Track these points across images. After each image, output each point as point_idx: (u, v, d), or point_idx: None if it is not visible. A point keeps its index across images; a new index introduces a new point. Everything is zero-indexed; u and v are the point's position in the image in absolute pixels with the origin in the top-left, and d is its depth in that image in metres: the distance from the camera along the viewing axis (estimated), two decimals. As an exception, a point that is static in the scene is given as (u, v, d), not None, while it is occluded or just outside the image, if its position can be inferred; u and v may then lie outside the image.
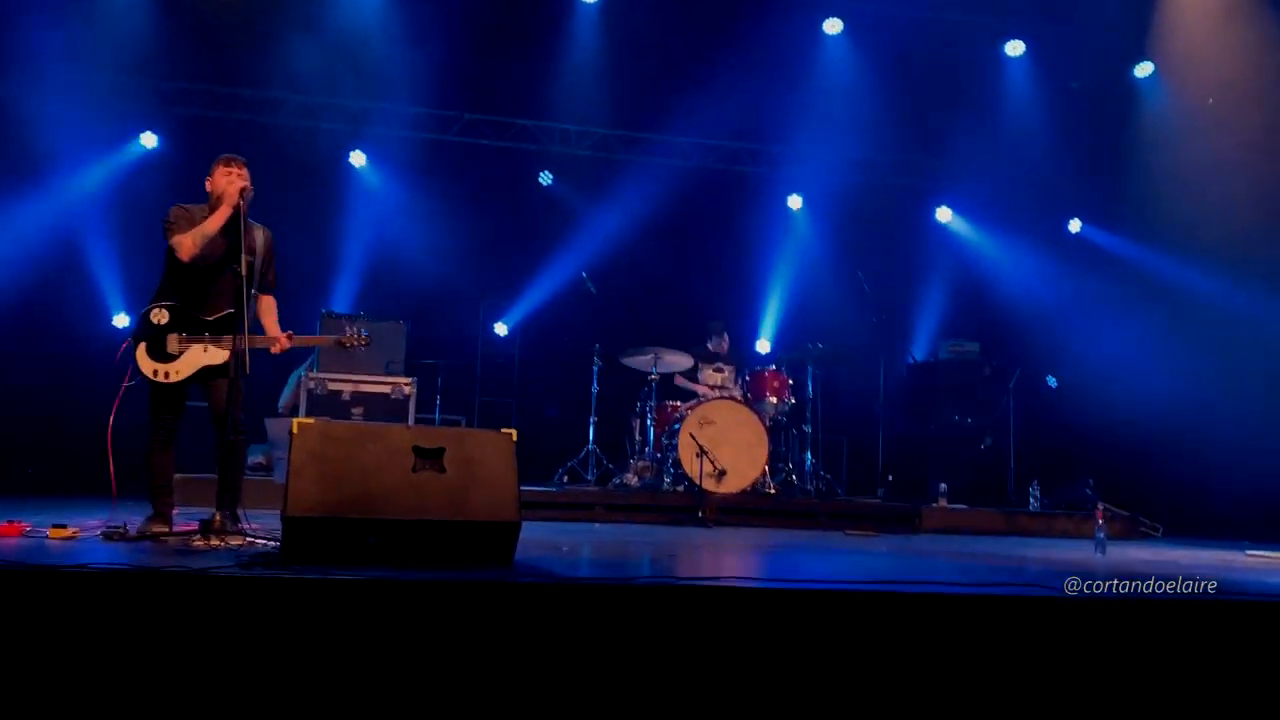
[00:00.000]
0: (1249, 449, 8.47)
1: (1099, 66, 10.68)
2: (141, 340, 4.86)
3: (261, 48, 9.79)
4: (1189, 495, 8.98)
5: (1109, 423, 9.97)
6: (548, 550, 4.74)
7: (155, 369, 4.83)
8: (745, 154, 11.29)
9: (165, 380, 4.84)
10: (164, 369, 4.84)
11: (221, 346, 4.88)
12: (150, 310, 4.90)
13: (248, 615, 3.12)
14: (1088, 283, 10.95)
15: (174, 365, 4.85)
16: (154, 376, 4.84)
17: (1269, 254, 8.87)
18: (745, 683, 3.27)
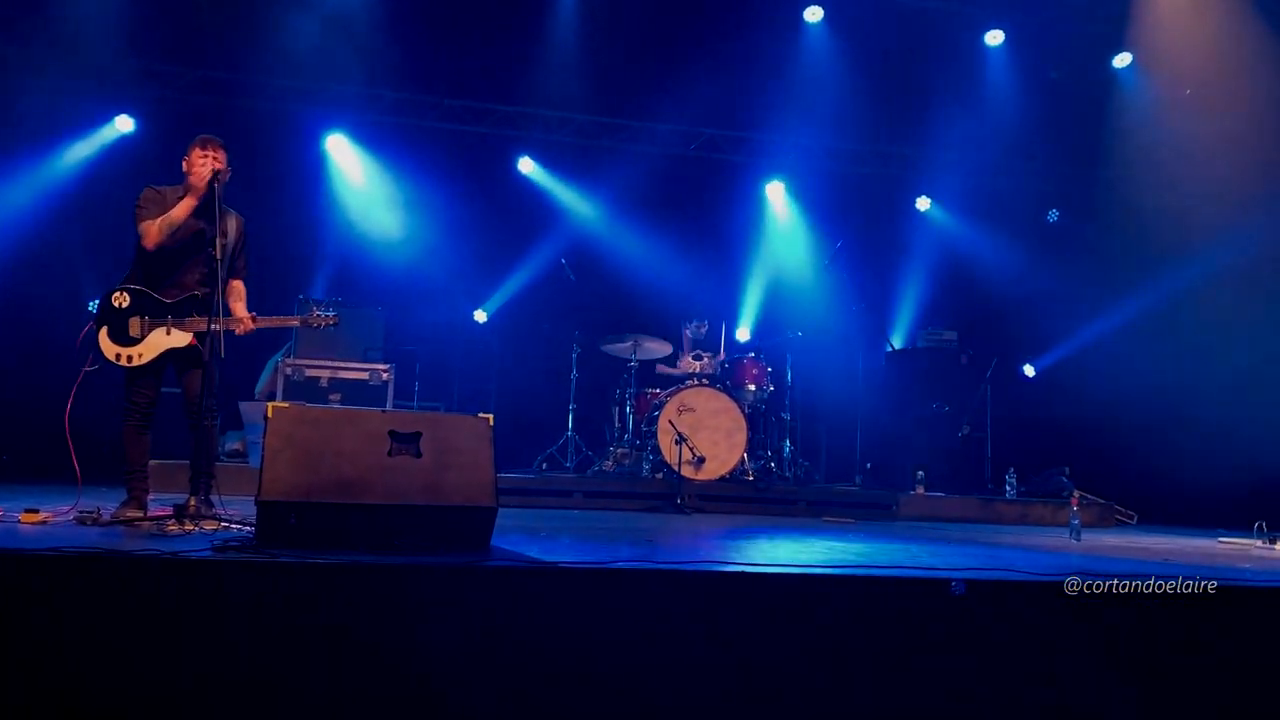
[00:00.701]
0: (1223, 437, 8.55)
1: (1078, 57, 10.72)
2: (103, 324, 4.84)
3: (238, 31, 9.68)
4: (1163, 483, 9.06)
5: (1085, 411, 10.05)
6: (525, 536, 4.74)
7: (118, 353, 4.82)
8: (725, 141, 11.28)
9: (129, 364, 4.83)
10: (127, 352, 4.82)
11: (184, 329, 4.87)
12: (111, 294, 4.89)
13: (221, 599, 3.11)
14: (1065, 273, 11.01)
15: (137, 349, 4.83)
16: (117, 360, 4.83)
17: (1241, 243, 8.94)
18: (723, 665, 3.28)
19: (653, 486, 7.96)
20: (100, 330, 4.84)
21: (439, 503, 3.97)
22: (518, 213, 10.74)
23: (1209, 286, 9.38)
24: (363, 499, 3.85)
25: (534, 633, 3.21)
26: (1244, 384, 8.18)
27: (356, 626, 3.11)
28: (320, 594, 3.15)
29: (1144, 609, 3.55)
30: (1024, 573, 3.84)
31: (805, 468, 9.11)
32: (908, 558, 4.51)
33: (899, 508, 8.17)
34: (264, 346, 8.67)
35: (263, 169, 9.20)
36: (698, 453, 7.96)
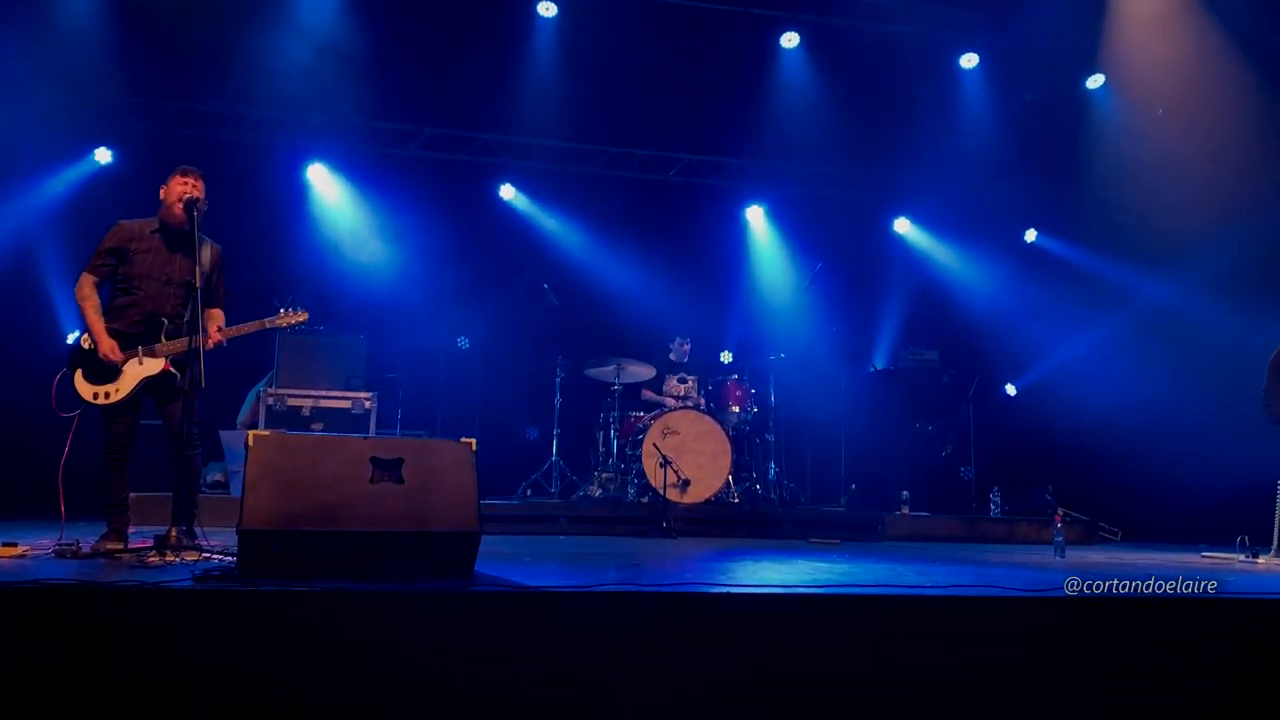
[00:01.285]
0: (1204, 452, 8.60)
1: (1051, 78, 10.87)
2: (76, 367, 4.83)
3: (218, 62, 9.70)
4: (1146, 500, 9.10)
5: (1067, 429, 10.10)
6: (510, 562, 4.71)
7: (95, 392, 4.82)
8: (705, 166, 11.35)
9: (108, 401, 4.81)
10: (104, 389, 4.82)
11: (155, 355, 4.85)
12: (80, 339, 4.92)
13: (204, 629, 3.08)
14: (1044, 291, 11.10)
15: (113, 384, 4.82)
16: (95, 400, 4.81)
17: (1217, 260, 9.03)
18: (710, 686, 3.27)
19: (638, 510, 7.94)
20: (74, 374, 4.84)
21: (422, 529, 3.95)
22: (500, 239, 10.76)
23: (1187, 302, 9.47)
24: (345, 526, 3.83)
25: (520, 658, 3.18)
26: (1224, 399, 8.23)
27: (340, 654, 3.08)
28: (303, 622, 3.12)
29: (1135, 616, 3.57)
30: (1011, 589, 3.85)
31: (790, 489, 9.11)
32: (894, 577, 4.51)
33: (884, 528, 8.17)
34: (245, 376, 8.65)
35: (244, 199, 9.21)
36: (683, 475, 7.96)
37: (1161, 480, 8.97)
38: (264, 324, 5.20)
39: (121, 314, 4.92)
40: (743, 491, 8.60)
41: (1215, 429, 8.38)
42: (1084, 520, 8.67)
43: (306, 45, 9.79)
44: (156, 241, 4.97)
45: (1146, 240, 9.84)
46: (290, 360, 8.33)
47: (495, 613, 3.28)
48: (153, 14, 9.22)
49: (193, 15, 9.17)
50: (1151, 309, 9.95)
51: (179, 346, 4.85)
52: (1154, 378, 9.60)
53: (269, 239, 9.59)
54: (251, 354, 8.55)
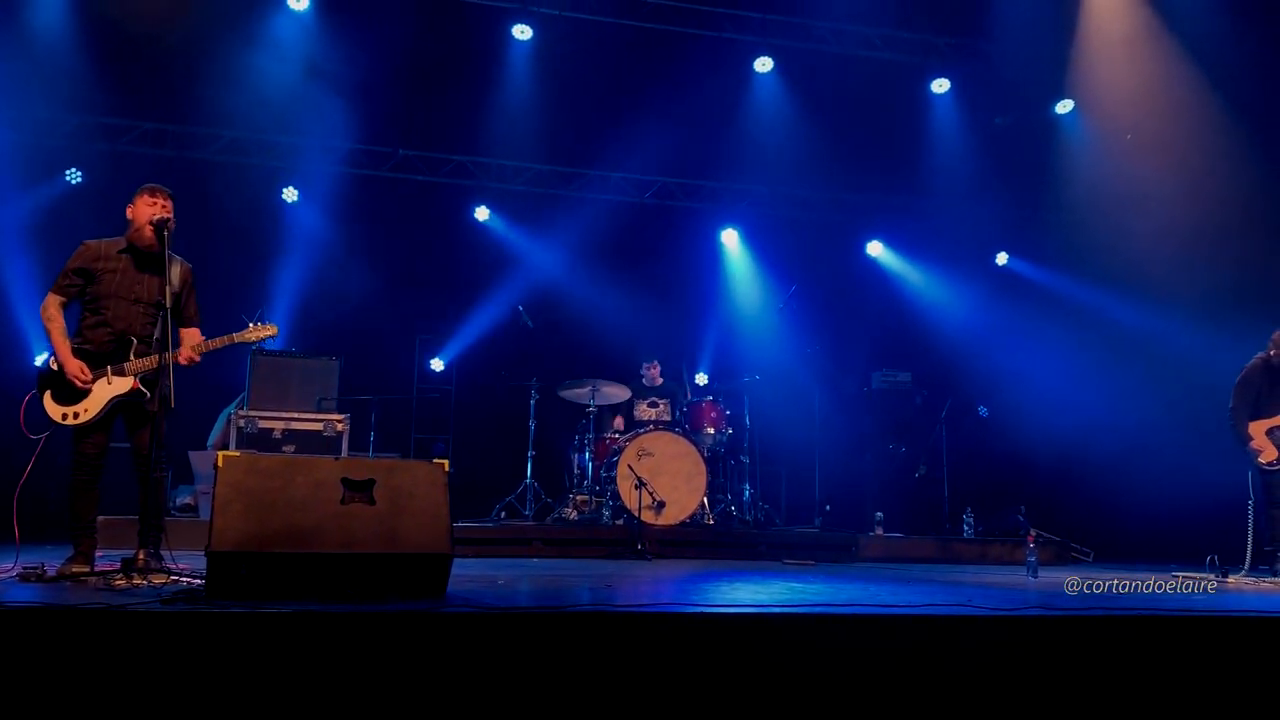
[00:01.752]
0: (1174, 473, 8.68)
1: (1022, 103, 11.02)
2: (44, 389, 4.78)
3: (191, 83, 9.69)
4: (1118, 520, 9.17)
5: (1039, 451, 10.17)
6: (482, 584, 4.68)
7: (64, 413, 4.77)
8: (680, 189, 11.41)
9: (77, 421, 4.75)
10: (73, 410, 4.76)
11: (124, 374, 4.80)
12: (48, 360, 4.85)
13: (171, 652, 3.03)
14: (1016, 313, 11.21)
15: (82, 404, 4.76)
16: (64, 420, 4.76)
17: (1187, 283, 9.14)
18: (685, 707, 3.25)
19: (613, 533, 7.91)
20: (43, 396, 4.78)
21: (393, 550, 3.91)
22: (474, 261, 10.75)
23: (1157, 324, 9.57)
24: (315, 548, 3.79)
25: (492, 680, 3.16)
26: (1193, 420, 8.32)
27: (309, 677, 3.04)
28: (272, 645, 3.08)
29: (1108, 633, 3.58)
30: (984, 608, 3.86)
31: (765, 510, 9.11)
32: (867, 597, 4.51)
33: (859, 549, 8.18)
34: (216, 398, 8.57)
35: (217, 221, 9.18)
36: (658, 497, 7.93)
37: (1132, 501, 9.05)
38: (232, 338, 5.12)
39: (90, 334, 4.87)
40: (718, 513, 8.59)
41: (1185, 450, 8.46)
42: (1056, 541, 8.71)
43: (280, 67, 9.79)
44: (124, 261, 4.93)
45: (1116, 263, 9.96)
46: (262, 382, 8.26)
47: (467, 634, 3.25)
48: (124, 34, 9.20)
49: (165, 36, 9.16)
50: (1122, 331, 10.06)
51: (148, 364, 4.81)
52: (1124, 399, 9.69)
53: (242, 260, 9.54)
54: (222, 375, 8.49)
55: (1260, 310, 7.38)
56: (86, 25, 9.30)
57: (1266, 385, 6.89)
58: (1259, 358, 6.98)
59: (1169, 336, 9.41)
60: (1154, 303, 9.70)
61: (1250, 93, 8.93)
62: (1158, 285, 9.58)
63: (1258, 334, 7.09)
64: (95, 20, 9.26)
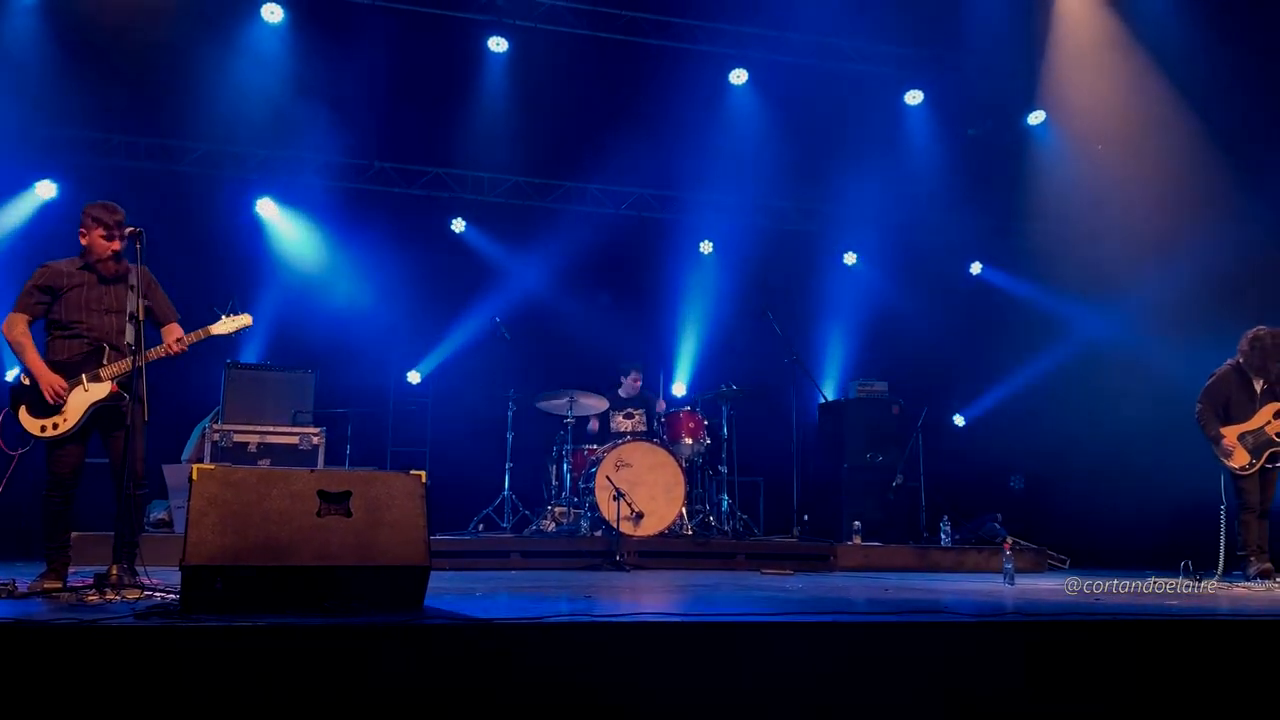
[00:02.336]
0: (1149, 480, 8.76)
1: (994, 114, 11.14)
2: (19, 404, 4.73)
3: (166, 95, 9.64)
4: (1093, 527, 9.23)
5: (1015, 459, 10.24)
6: (460, 596, 4.66)
7: (42, 425, 4.72)
8: (656, 200, 11.43)
9: (56, 432, 4.70)
10: (51, 421, 4.72)
11: (100, 380, 4.76)
12: (18, 377, 4.81)
13: (146, 667, 3.00)
14: (991, 323, 11.31)
15: (61, 415, 4.71)
16: (43, 433, 4.70)
17: (1158, 290, 9.24)
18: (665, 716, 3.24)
19: (592, 544, 7.89)
20: (19, 410, 4.73)
21: (370, 563, 3.89)
22: (451, 273, 10.72)
23: (1130, 333, 9.67)
24: (291, 561, 3.76)
25: (471, 692, 3.14)
26: (1167, 427, 8.39)
27: (286, 691, 3.02)
28: (248, 659, 3.05)
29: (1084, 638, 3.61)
30: (960, 614, 3.88)
31: (744, 520, 9.11)
32: (845, 605, 4.52)
33: (837, 558, 8.20)
34: (191, 411, 8.50)
35: (190, 233, 9.12)
36: (636, 508, 7.92)
37: (1108, 508, 9.13)
38: (208, 331, 5.08)
39: (61, 347, 4.83)
40: (696, 524, 8.59)
41: (1160, 457, 8.53)
42: (1033, 549, 8.77)
43: (255, 79, 9.76)
44: (87, 277, 4.90)
45: (1089, 273, 10.06)
46: (237, 395, 8.21)
47: (445, 646, 3.23)
48: (96, 47, 9.14)
49: (137, 48, 9.11)
50: (1096, 339, 10.15)
51: (124, 367, 4.78)
52: (1099, 407, 9.78)
53: (216, 272, 9.45)
54: (197, 389, 8.43)
55: (1231, 317, 7.47)
56: (59, 36, 9.23)
57: (1237, 391, 6.97)
58: (1229, 363, 7.07)
59: (1142, 344, 9.51)
60: (1127, 311, 9.80)
61: (1218, 101, 9.05)
62: (1130, 293, 9.68)
63: (1229, 341, 7.18)
64: (68, 31, 9.20)
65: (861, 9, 10.26)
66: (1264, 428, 6.81)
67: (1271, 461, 6.83)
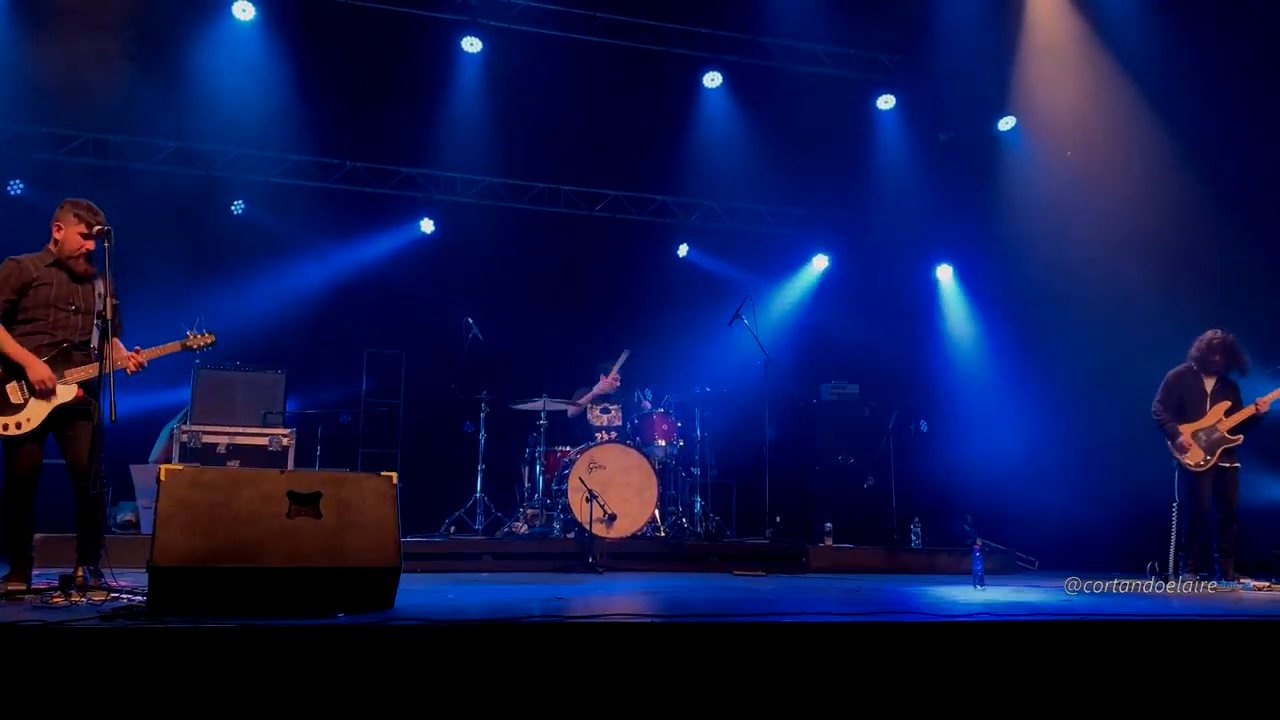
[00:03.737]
0: (1116, 482, 8.86)
1: (965, 120, 11.23)
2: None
3: (136, 93, 9.52)
4: (1061, 529, 9.31)
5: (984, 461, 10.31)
6: (432, 598, 4.64)
7: (5, 423, 4.64)
8: (631, 202, 11.43)
9: (19, 431, 4.64)
10: (14, 420, 4.65)
11: (65, 381, 4.70)
12: None
13: (111, 670, 2.97)
14: (958, 325, 11.40)
15: (23, 414, 4.65)
16: (5, 431, 4.63)
17: (1125, 295, 9.33)
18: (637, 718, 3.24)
19: (564, 546, 7.88)
20: None
21: (341, 564, 3.87)
22: (423, 273, 10.68)
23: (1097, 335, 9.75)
24: (260, 562, 3.74)
25: (442, 693, 3.13)
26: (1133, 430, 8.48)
27: (254, 693, 2.99)
28: (215, 661, 3.03)
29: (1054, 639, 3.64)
30: (929, 614, 3.91)
31: (716, 522, 9.13)
32: (816, 606, 4.54)
33: (809, 560, 8.23)
34: (159, 412, 8.42)
35: (160, 232, 9.03)
36: (609, 510, 7.92)
37: (1075, 510, 9.21)
38: (175, 347, 5.06)
39: (27, 343, 4.76)
40: (669, 525, 8.60)
41: (1127, 458, 8.63)
42: (1001, 550, 8.84)
43: (226, 77, 9.68)
44: (55, 274, 4.84)
45: (1057, 276, 10.14)
46: (205, 396, 8.14)
47: (416, 647, 3.22)
48: (65, 45, 9.01)
49: (107, 45, 9.00)
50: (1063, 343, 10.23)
51: (90, 372, 4.73)
52: (1067, 410, 9.86)
53: (187, 273, 9.37)
54: (166, 389, 8.34)
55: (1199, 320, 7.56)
56: (28, 33, 9.12)
57: (1189, 390, 7.17)
58: (1183, 365, 7.27)
59: (1110, 348, 9.59)
60: (1094, 315, 9.89)
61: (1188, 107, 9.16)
62: (1097, 297, 9.76)
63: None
64: (36, 28, 9.08)
65: (834, 14, 10.33)
66: (1216, 425, 7.01)
67: (1226, 460, 6.96)
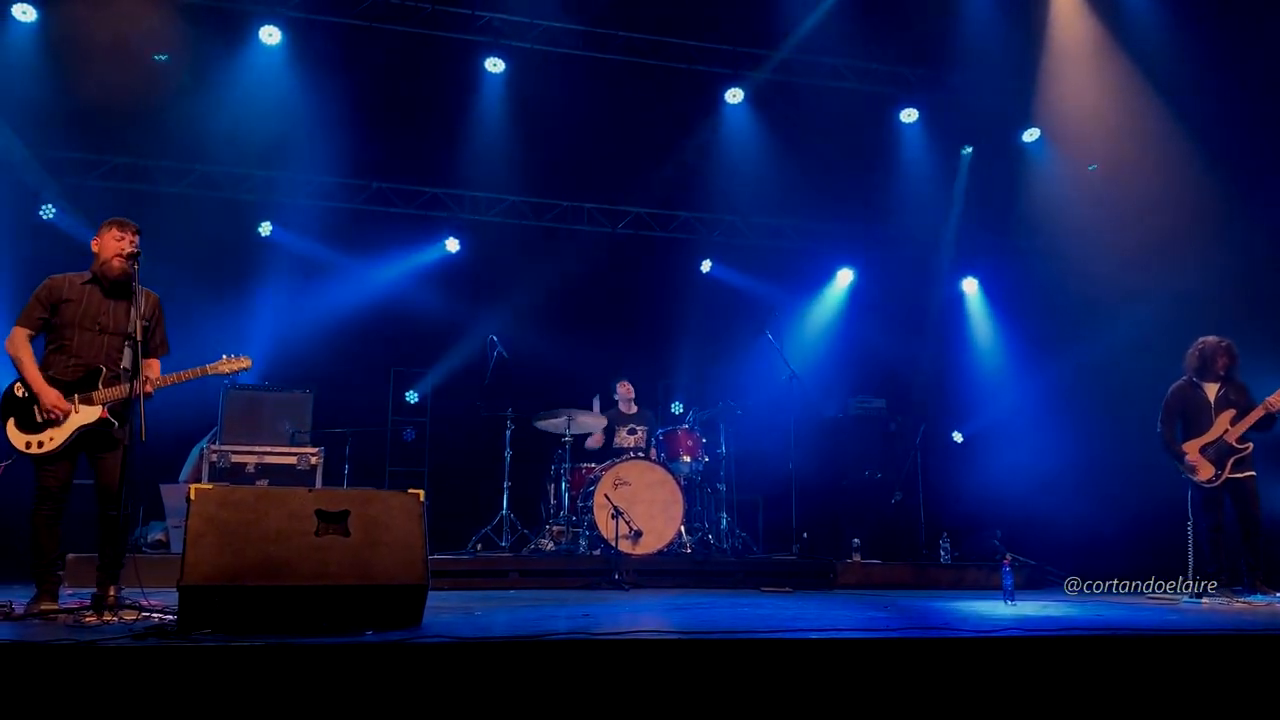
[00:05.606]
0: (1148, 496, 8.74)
1: (989, 132, 11.19)
2: (8, 416, 4.71)
3: (164, 118, 9.66)
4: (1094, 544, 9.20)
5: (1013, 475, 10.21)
6: (459, 615, 4.65)
7: (28, 441, 4.69)
8: (655, 219, 11.46)
9: (41, 450, 4.68)
10: (37, 438, 4.69)
11: (91, 403, 4.75)
12: (11, 385, 4.78)
13: (144, 688, 2.99)
14: (986, 339, 11.32)
15: (48, 433, 4.69)
16: (28, 449, 4.68)
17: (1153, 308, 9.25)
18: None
19: (590, 563, 7.86)
20: (6, 423, 4.71)
21: (369, 582, 3.88)
22: (448, 292, 10.74)
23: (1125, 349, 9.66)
24: (289, 581, 3.76)
25: (469, 711, 3.13)
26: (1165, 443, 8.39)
27: (284, 711, 3.00)
28: (246, 679, 3.04)
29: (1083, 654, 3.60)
30: (960, 630, 3.87)
31: (742, 538, 9.09)
32: (844, 622, 4.51)
33: (836, 576, 8.18)
34: (189, 432, 8.49)
35: (189, 255, 9.12)
36: (634, 526, 7.91)
37: (1108, 525, 9.10)
38: (205, 370, 5.10)
39: (56, 364, 4.82)
40: (695, 542, 8.57)
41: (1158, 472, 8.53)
42: (1032, 564, 8.74)
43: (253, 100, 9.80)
44: (89, 293, 4.90)
45: (1084, 289, 10.07)
46: (234, 416, 8.20)
47: (444, 664, 3.22)
48: (97, 71, 9.16)
49: (136, 70, 9.14)
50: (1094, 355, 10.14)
51: (117, 394, 4.77)
52: (1098, 423, 9.76)
53: (215, 294, 9.47)
54: (195, 409, 8.41)
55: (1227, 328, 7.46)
56: (58, 59, 9.27)
57: (1190, 403, 7.01)
58: (1181, 379, 7.11)
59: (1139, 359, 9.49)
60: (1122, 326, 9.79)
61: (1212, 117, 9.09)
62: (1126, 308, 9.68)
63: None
64: (67, 54, 9.23)
65: (855, 28, 10.32)
66: (1223, 436, 6.82)
67: (1239, 470, 6.81)
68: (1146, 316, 9.38)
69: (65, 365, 4.82)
